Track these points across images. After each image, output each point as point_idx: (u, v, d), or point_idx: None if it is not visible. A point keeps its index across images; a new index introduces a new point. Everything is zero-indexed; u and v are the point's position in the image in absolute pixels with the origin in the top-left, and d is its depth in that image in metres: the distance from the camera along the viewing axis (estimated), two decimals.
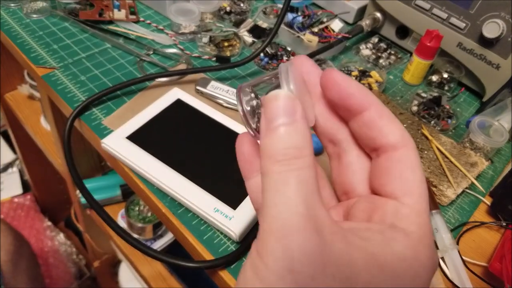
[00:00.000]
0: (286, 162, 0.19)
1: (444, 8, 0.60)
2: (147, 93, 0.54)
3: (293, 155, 0.20)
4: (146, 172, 0.44)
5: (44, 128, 0.99)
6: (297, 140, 0.20)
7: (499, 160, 0.55)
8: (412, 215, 0.20)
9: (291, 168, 0.19)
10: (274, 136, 0.20)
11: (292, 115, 0.20)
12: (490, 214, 0.49)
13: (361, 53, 0.68)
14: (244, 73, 0.60)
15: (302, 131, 0.20)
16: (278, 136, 0.20)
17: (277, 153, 0.20)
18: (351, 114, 0.23)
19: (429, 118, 0.57)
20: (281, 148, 0.20)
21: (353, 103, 0.22)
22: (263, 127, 0.21)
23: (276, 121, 0.20)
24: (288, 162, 0.19)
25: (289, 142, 0.20)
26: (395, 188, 0.21)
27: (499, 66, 0.58)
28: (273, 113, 0.20)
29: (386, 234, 0.20)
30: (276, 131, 0.20)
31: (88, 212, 0.94)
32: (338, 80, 0.22)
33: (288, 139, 0.20)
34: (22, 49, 0.57)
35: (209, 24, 0.65)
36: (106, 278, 1.23)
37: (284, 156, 0.20)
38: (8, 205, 1.37)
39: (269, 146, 0.20)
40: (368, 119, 0.22)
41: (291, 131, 0.20)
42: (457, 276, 0.41)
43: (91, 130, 0.49)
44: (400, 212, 0.21)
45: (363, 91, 0.22)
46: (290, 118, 0.20)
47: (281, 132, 0.20)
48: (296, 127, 0.20)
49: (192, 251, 0.42)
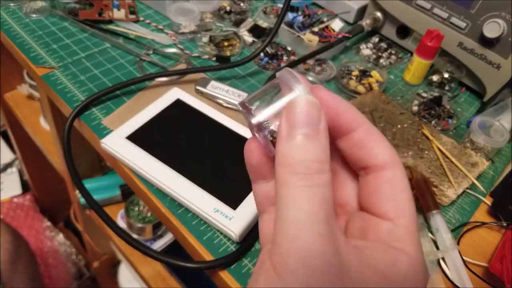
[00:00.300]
0: (308, 177, 0.19)
1: (445, 7, 0.60)
2: (147, 93, 0.54)
3: (315, 170, 0.19)
4: (146, 172, 0.44)
5: (44, 128, 0.99)
6: (320, 153, 0.19)
7: (500, 160, 0.55)
8: (406, 236, 0.21)
9: (313, 183, 0.19)
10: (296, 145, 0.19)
11: (317, 125, 0.20)
12: (491, 214, 0.49)
13: (361, 53, 0.68)
14: (244, 73, 0.60)
15: (325, 144, 0.20)
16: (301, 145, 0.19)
17: (299, 164, 0.19)
18: (339, 134, 0.22)
19: (429, 118, 0.57)
20: (303, 160, 0.19)
21: (342, 123, 0.22)
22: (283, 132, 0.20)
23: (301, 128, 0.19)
24: (311, 177, 0.19)
25: (312, 154, 0.19)
26: (387, 210, 0.21)
27: (500, 66, 0.58)
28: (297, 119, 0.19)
29: (391, 253, 0.20)
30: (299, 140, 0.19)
31: (88, 212, 0.94)
32: (327, 99, 0.22)
33: (311, 150, 0.19)
34: (21, 48, 0.57)
35: (209, 23, 0.65)
36: (106, 279, 1.22)
37: (306, 169, 0.19)
38: (8, 205, 1.37)
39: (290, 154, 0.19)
40: (358, 138, 0.22)
41: (315, 142, 0.19)
42: (457, 276, 0.41)
43: (90, 130, 0.49)
44: (395, 233, 0.21)
45: (352, 110, 0.22)
46: (315, 128, 0.19)
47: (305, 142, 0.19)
48: (321, 139, 0.19)
49: (192, 252, 0.42)
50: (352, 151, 0.22)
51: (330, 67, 0.63)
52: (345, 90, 0.60)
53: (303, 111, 0.20)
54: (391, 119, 0.53)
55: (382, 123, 0.52)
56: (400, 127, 0.53)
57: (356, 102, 0.54)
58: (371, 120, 0.52)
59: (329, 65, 0.64)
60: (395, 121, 0.53)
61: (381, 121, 0.52)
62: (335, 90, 0.61)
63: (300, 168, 0.19)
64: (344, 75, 0.62)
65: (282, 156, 0.20)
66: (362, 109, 0.53)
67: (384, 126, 0.52)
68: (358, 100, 0.55)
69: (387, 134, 0.51)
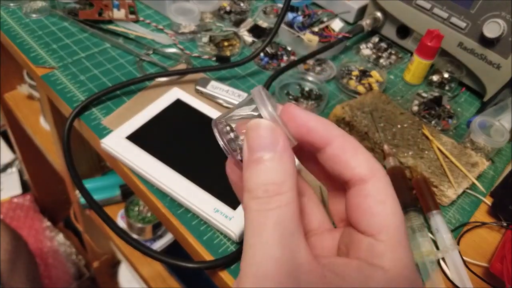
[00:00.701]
0: (265, 200, 0.19)
1: (445, 7, 0.60)
2: (147, 93, 0.54)
3: (272, 192, 0.19)
4: (145, 172, 0.44)
5: (44, 128, 0.99)
6: (277, 174, 0.19)
7: (500, 160, 0.55)
8: (387, 252, 0.20)
9: (269, 207, 0.19)
10: (254, 170, 0.20)
11: (274, 147, 0.20)
12: (491, 214, 0.49)
13: (361, 52, 0.68)
14: (244, 73, 0.60)
15: (284, 164, 0.20)
16: (258, 170, 0.19)
17: (257, 188, 0.19)
18: (315, 149, 0.22)
19: (429, 118, 0.57)
20: (261, 184, 0.19)
21: (313, 138, 0.21)
22: (244, 159, 0.20)
23: (257, 153, 0.20)
24: (267, 200, 0.19)
25: (269, 177, 0.19)
26: (368, 225, 0.21)
27: (500, 66, 0.58)
28: (254, 144, 0.20)
29: (364, 271, 0.20)
30: (257, 165, 0.20)
31: (88, 212, 0.94)
32: (297, 115, 0.21)
33: (268, 173, 0.19)
34: (21, 49, 0.57)
35: (209, 23, 0.65)
36: (106, 279, 1.22)
37: (264, 193, 0.19)
38: (8, 205, 1.37)
39: (249, 180, 0.20)
40: (332, 153, 0.21)
41: (273, 165, 0.19)
42: (457, 277, 0.41)
43: (90, 130, 0.49)
44: (375, 249, 0.20)
45: (324, 125, 0.21)
46: (271, 151, 0.20)
47: (262, 166, 0.19)
48: (279, 160, 0.20)
49: (192, 252, 0.42)
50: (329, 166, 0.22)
51: (330, 67, 0.63)
52: (345, 90, 0.60)
53: (260, 134, 0.20)
54: (391, 119, 0.53)
55: (382, 123, 0.52)
56: (400, 127, 0.53)
57: (356, 102, 0.54)
58: (371, 120, 0.52)
59: (329, 65, 0.64)
60: (395, 121, 0.53)
61: (381, 121, 0.52)
62: (335, 90, 0.61)
63: (259, 192, 0.19)
64: (344, 75, 0.62)
65: (245, 182, 0.20)
66: (362, 109, 0.53)
67: (384, 126, 0.52)
68: (358, 100, 0.55)
69: (387, 134, 0.51)
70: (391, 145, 0.50)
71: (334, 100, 0.59)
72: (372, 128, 0.51)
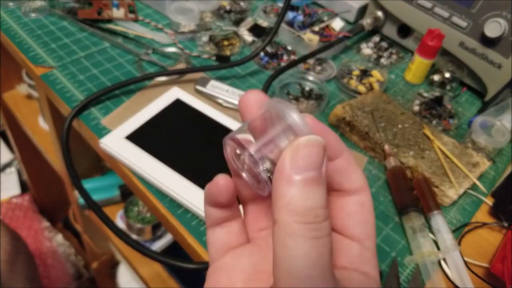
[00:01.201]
0: (317, 226, 0.18)
1: (446, 7, 0.60)
2: (146, 93, 0.54)
3: (323, 217, 0.18)
4: (145, 172, 0.43)
5: (43, 128, 0.99)
6: (323, 197, 0.18)
7: (501, 160, 0.55)
8: (373, 258, 0.22)
9: (323, 233, 0.18)
10: (304, 190, 0.18)
11: (321, 167, 0.19)
12: (492, 215, 0.49)
13: (362, 52, 0.67)
14: (244, 73, 0.60)
15: (325, 186, 0.19)
16: (308, 191, 0.18)
17: (308, 212, 0.18)
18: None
19: (430, 118, 0.57)
20: (312, 208, 0.18)
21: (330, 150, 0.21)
22: (287, 175, 0.18)
23: (307, 172, 0.18)
24: (319, 226, 0.18)
25: (319, 200, 0.18)
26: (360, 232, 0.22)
27: (501, 66, 0.57)
28: (304, 162, 0.18)
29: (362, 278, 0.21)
30: (307, 185, 0.18)
31: (87, 213, 0.93)
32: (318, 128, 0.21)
33: (318, 196, 0.18)
34: (20, 48, 0.57)
35: (209, 23, 0.65)
36: (105, 279, 1.22)
37: (315, 218, 0.18)
38: (6, 206, 1.36)
39: (298, 201, 0.18)
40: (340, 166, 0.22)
41: (321, 186, 0.18)
42: (458, 277, 0.41)
43: (89, 130, 0.49)
44: (365, 256, 0.22)
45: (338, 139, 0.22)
46: (320, 171, 0.18)
47: (311, 188, 0.18)
48: (324, 182, 0.19)
49: (191, 252, 0.41)
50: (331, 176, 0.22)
51: (331, 67, 0.63)
52: (345, 90, 0.60)
53: (310, 153, 0.18)
54: (392, 119, 0.53)
55: (383, 123, 0.52)
56: (401, 127, 0.52)
57: (357, 102, 0.54)
58: (372, 120, 0.52)
59: (329, 65, 0.64)
60: (396, 121, 0.53)
61: (382, 121, 0.52)
62: (335, 90, 0.60)
63: (310, 217, 0.18)
64: (345, 74, 0.61)
65: (289, 203, 0.18)
66: (362, 109, 0.53)
67: (385, 126, 0.52)
68: (358, 100, 0.55)
69: (388, 134, 0.51)
70: (392, 145, 0.50)
71: (334, 100, 0.59)
72: (373, 128, 0.51)
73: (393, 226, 0.45)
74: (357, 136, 0.52)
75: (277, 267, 0.18)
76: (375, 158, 0.52)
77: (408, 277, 0.41)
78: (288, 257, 0.18)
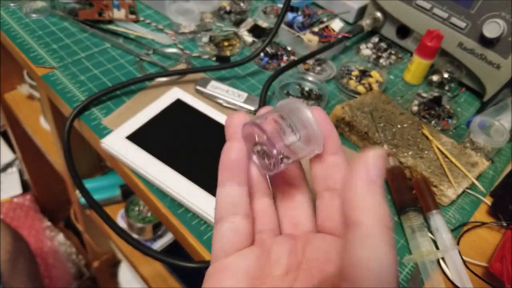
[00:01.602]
0: (391, 232, 0.19)
1: (445, 7, 0.60)
2: (147, 93, 0.54)
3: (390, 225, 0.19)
4: (145, 172, 0.44)
5: (44, 128, 0.99)
6: None
7: (500, 160, 0.55)
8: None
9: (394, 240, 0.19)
10: (384, 197, 0.19)
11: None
12: (491, 214, 0.49)
13: (361, 53, 0.68)
14: (244, 73, 0.60)
15: None
16: (382, 198, 0.19)
17: (387, 218, 0.19)
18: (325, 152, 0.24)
19: (429, 118, 0.57)
20: (389, 215, 0.19)
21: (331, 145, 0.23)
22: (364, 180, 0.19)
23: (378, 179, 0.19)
24: (392, 233, 0.19)
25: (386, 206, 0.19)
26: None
27: (500, 66, 0.58)
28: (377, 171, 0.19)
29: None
30: (383, 192, 0.19)
31: (88, 212, 0.94)
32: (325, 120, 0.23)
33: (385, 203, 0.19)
34: (21, 48, 0.57)
35: (209, 23, 0.65)
36: (106, 278, 1.22)
37: (391, 225, 0.19)
38: (8, 205, 1.37)
39: (379, 206, 0.19)
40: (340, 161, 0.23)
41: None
42: (457, 277, 0.41)
43: (90, 130, 0.49)
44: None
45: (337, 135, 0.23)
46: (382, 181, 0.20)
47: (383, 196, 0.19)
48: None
49: (192, 251, 0.42)
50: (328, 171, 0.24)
51: (330, 67, 0.64)
52: (345, 90, 0.60)
53: (382, 164, 0.19)
54: (391, 119, 0.53)
55: (382, 123, 0.52)
56: (400, 127, 0.53)
57: (356, 102, 0.54)
58: (371, 120, 0.52)
59: (329, 65, 0.64)
60: (395, 121, 0.53)
61: (381, 121, 0.52)
62: (335, 90, 0.61)
63: (389, 222, 0.18)
64: (344, 75, 0.62)
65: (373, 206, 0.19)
66: (362, 109, 0.53)
67: (384, 126, 0.52)
68: (358, 100, 0.55)
69: (387, 134, 0.51)
70: (391, 145, 0.50)
71: (334, 100, 0.59)
72: (372, 128, 0.51)
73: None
74: (356, 136, 0.52)
75: (358, 267, 0.18)
76: None
77: (407, 277, 0.42)
78: (374, 258, 0.18)
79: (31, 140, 1.02)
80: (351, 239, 0.18)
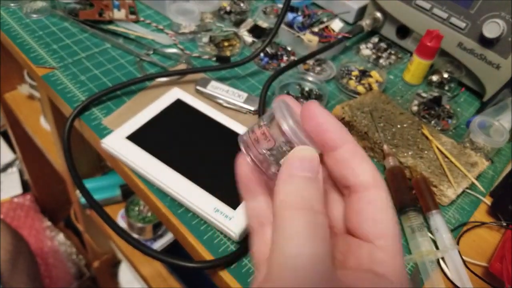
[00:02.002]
0: (313, 213, 0.20)
1: (445, 8, 0.60)
2: (147, 93, 0.54)
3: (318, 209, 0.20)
4: (146, 172, 0.44)
5: (44, 128, 0.99)
6: (320, 195, 0.21)
7: (500, 160, 0.55)
8: (388, 259, 0.21)
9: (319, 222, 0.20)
10: (301, 186, 0.21)
11: (316, 173, 0.21)
12: (491, 214, 0.49)
13: (361, 53, 0.68)
14: (244, 73, 0.60)
15: (322, 191, 0.21)
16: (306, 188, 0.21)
17: (304, 202, 0.20)
18: (325, 149, 0.23)
19: (429, 118, 0.57)
20: (308, 199, 0.20)
21: (328, 139, 0.22)
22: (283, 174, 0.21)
23: (304, 172, 0.21)
24: (316, 216, 0.20)
25: (317, 194, 0.21)
26: (369, 231, 0.21)
27: (500, 66, 0.58)
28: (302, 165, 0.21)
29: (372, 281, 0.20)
30: (304, 181, 0.21)
31: (88, 212, 0.94)
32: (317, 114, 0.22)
33: (315, 192, 0.21)
34: (22, 49, 0.57)
35: (209, 24, 0.65)
36: (106, 278, 1.23)
37: (311, 207, 0.20)
38: (8, 205, 1.37)
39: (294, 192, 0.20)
40: (342, 157, 0.22)
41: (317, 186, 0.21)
42: (457, 276, 0.41)
43: (91, 130, 0.49)
44: (376, 256, 0.21)
45: (339, 128, 0.22)
46: (314, 174, 0.21)
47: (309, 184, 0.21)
48: (319, 182, 0.21)
49: (192, 251, 0.42)
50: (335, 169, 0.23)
51: (330, 67, 0.64)
52: (344, 90, 0.60)
53: (303, 160, 0.21)
54: (391, 119, 0.53)
55: (382, 123, 0.52)
56: (400, 127, 0.53)
57: (356, 102, 0.54)
58: (371, 120, 0.52)
59: (329, 65, 0.64)
60: (395, 121, 0.53)
61: (381, 121, 0.53)
62: (335, 90, 0.61)
63: (305, 205, 0.20)
64: (344, 75, 0.62)
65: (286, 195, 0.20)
66: (361, 109, 0.53)
67: (384, 126, 0.52)
68: (358, 100, 0.55)
69: (387, 134, 0.51)
70: (391, 145, 0.50)
71: (334, 100, 0.59)
72: (372, 128, 0.51)
73: None
74: (356, 136, 0.52)
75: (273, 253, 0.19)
76: (374, 158, 0.52)
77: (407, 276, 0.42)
78: (283, 239, 0.19)
79: (31, 140, 1.03)
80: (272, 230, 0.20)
